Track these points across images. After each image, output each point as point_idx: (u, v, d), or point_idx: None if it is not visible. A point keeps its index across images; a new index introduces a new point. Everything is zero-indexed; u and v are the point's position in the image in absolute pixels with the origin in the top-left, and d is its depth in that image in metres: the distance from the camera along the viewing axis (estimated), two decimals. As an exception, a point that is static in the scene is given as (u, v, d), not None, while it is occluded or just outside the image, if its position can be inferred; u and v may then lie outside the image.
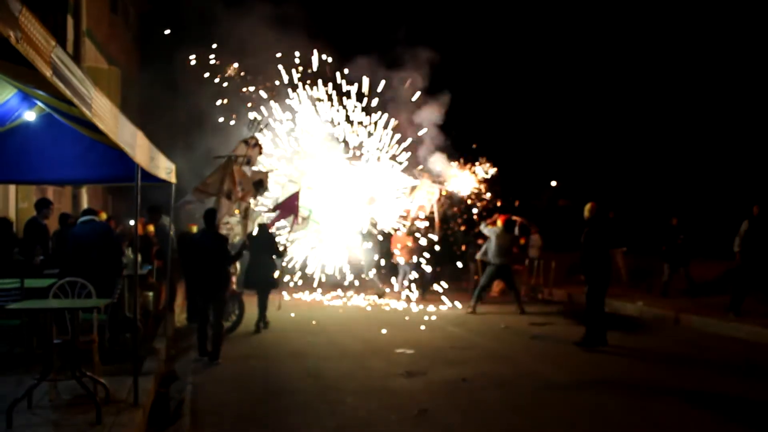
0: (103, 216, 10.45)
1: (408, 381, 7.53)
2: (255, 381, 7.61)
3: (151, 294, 10.26)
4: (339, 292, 15.36)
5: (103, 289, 7.16)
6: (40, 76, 2.97)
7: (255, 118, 10.94)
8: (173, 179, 8.32)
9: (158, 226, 11.11)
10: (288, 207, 13.08)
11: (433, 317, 12.47)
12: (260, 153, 11.11)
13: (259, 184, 10.97)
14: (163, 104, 16.92)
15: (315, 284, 14.72)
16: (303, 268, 14.55)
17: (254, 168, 11.62)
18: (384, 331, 10.77)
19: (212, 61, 16.67)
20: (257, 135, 11.61)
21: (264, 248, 10.91)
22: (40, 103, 6.67)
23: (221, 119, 16.09)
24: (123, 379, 6.55)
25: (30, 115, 7.47)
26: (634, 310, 12.77)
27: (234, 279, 10.97)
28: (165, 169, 7.66)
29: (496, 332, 10.85)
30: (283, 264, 13.50)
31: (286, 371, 8.12)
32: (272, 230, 11.91)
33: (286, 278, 14.33)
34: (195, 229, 10.99)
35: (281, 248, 11.53)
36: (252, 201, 11.69)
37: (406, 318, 12.40)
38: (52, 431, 5.15)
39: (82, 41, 12.44)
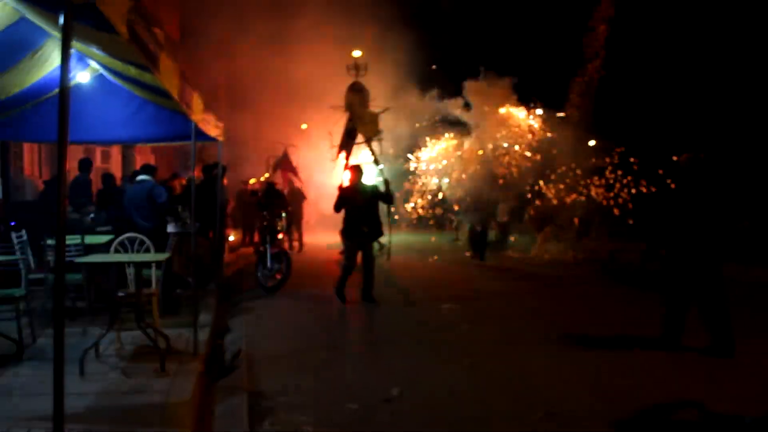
0: None
1: (456, 335, 7.69)
2: (306, 334, 7.85)
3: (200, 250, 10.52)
4: None
5: (155, 246, 7.39)
6: (116, 38, 3.08)
7: (357, 63, 10.83)
8: (222, 138, 8.50)
9: (209, 182, 11.32)
10: (287, 166, 14.65)
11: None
12: (368, 97, 10.77)
13: (351, 133, 10.77)
14: (205, 65, 17.10)
15: None
16: None
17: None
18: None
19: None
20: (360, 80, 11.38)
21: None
22: (94, 63, 6.83)
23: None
24: (179, 332, 6.84)
25: (83, 77, 7.65)
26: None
27: (279, 236, 11.20)
28: (215, 127, 7.81)
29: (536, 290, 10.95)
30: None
31: (336, 325, 8.36)
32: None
33: None
34: None
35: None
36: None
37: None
38: (121, 378, 5.42)
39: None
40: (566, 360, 6.58)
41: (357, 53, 18.07)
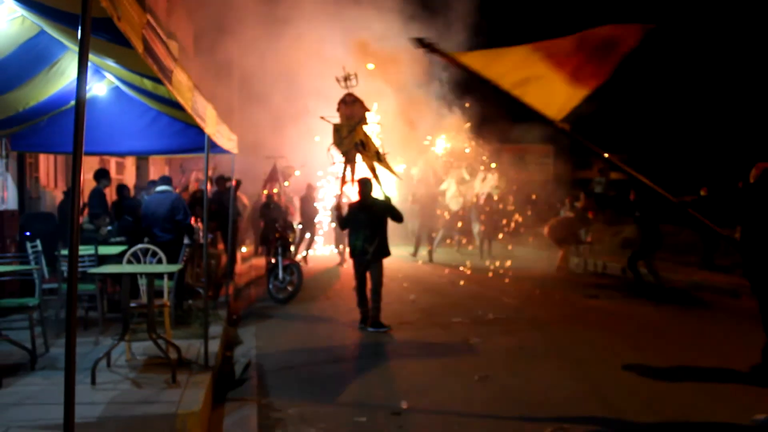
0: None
1: (467, 348, 7.66)
2: (317, 347, 7.84)
3: (213, 262, 10.58)
4: None
5: (166, 258, 7.43)
6: (132, 52, 3.13)
7: (347, 74, 10.18)
8: (235, 150, 8.56)
9: (223, 194, 11.43)
10: (273, 178, 15.66)
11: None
12: (365, 108, 10.03)
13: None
14: (218, 74, 17.32)
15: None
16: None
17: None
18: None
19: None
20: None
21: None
22: (109, 76, 6.92)
23: None
24: (190, 342, 6.88)
25: (99, 89, 7.77)
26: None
27: (291, 248, 11.25)
28: (228, 139, 7.88)
29: (550, 303, 10.90)
30: None
31: (347, 338, 8.36)
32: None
33: None
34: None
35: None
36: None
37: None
38: (132, 388, 5.45)
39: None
40: (578, 374, 6.54)
41: (371, 66, 18.26)
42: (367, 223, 8.67)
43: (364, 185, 8.85)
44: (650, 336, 8.37)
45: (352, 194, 10.71)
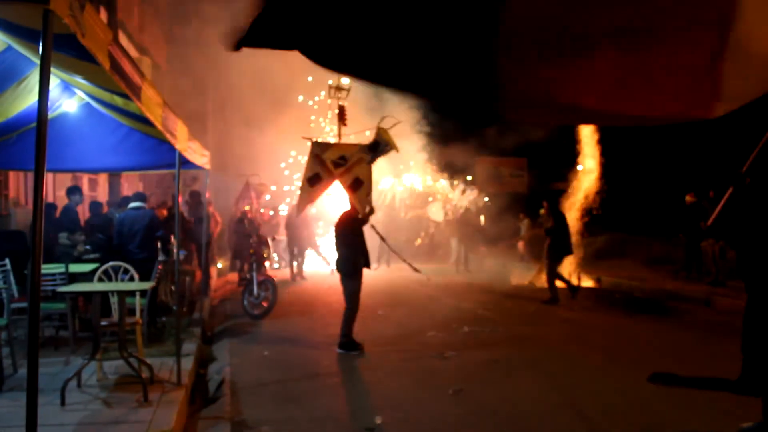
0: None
1: (441, 362, 7.67)
2: (291, 363, 7.79)
3: (187, 278, 10.49)
4: None
5: (141, 275, 7.35)
6: (98, 69, 3.11)
7: (336, 86, 9.76)
8: (208, 166, 8.53)
9: (197, 210, 11.36)
10: (245, 195, 17.09)
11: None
12: (344, 122, 9.56)
13: (375, 146, 9.43)
14: (192, 91, 17.29)
15: None
16: None
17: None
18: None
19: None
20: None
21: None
22: (80, 92, 6.87)
23: None
24: (163, 360, 6.81)
25: (70, 105, 7.69)
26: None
27: (267, 264, 11.20)
28: (201, 155, 7.85)
29: (525, 316, 10.96)
30: None
31: (321, 354, 8.31)
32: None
33: None
34: None
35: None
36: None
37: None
38: (103, 408, 5.37)
39: (117, 33, 12.67)
40: (553, 386, 6.57)
41: (345, 80, 18.31)
42: (362, 236, 8.53)
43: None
44: (624, 346, 8.46)
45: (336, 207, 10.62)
